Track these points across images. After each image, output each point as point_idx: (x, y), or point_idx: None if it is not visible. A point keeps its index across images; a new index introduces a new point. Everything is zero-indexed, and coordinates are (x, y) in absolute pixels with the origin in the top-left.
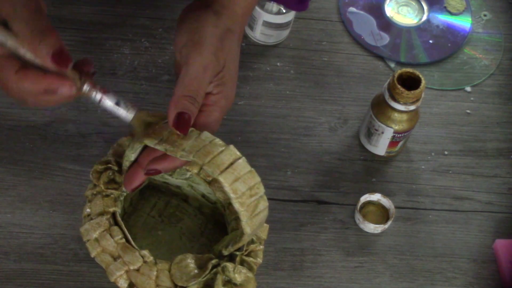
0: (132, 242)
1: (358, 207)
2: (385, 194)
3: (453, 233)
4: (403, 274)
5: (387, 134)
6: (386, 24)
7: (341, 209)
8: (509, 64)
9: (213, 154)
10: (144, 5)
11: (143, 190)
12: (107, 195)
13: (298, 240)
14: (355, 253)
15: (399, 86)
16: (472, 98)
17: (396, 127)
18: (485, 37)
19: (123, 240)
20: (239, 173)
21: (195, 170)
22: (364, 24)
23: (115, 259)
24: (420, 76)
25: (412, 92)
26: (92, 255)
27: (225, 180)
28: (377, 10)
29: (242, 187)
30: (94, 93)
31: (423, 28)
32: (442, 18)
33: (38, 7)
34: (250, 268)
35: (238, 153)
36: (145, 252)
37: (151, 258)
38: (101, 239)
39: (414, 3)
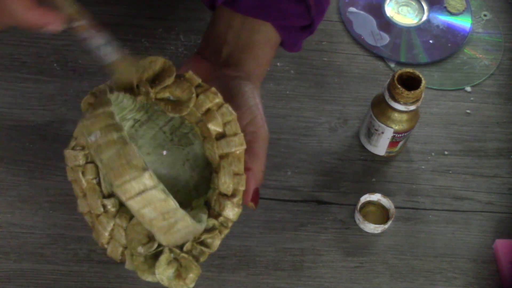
0: (102, 186)
1: (358, 207)
2: (385, 194)
3: (453, 233)
4: (403, 274)
5: (387, 134)
6: (386, 24)
7: (341, 209)
8: (509, 64)
9: (124, 179)
10: (144, 5)
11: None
12: None
13: (298, 240)
14: (355, 253)
15: (399, 86)
16: (472, 98)
17: (396, 127)
18: (485, 37)
19: (94, 181)
20: (149, 202)
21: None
22: (364, 24)
23: (84, 195)
24: (420, 76)
25: (412, 92)
26: (68, 179)
27: (131, 207)
28: (377, 10)
29: (151, 214)
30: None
31: (423, 28)
32: (442, 18)
33: None
34: (200, 253)
35: (152, 182)
36: (108, 202)
37: (113, 209)
38: (74, 173)
39: (414, 3)
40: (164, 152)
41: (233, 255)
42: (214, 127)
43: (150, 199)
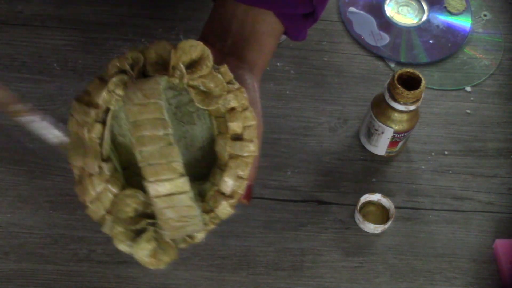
0: (103, 148)
1: (358, 207)
2: (385, 194)
3: (453, 233)
4: (403, 274)
5: (387, 134)
6: (386, 24)
7: (341, 209)
8: (509, 64)
9: (159, 178)
10: (144, 5)
11: None
12: (112, 90)
13: (298, 240)
14: (355, 253)
15: (399, 86)
16: (472, 98)
17: (396, 127)
18: (485, 37)
19: (97, 140)
20: (174, 204)
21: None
22: (364, 24)
23: (80, 147)
24: (420, 76)
25: (412, 92)
26: (68, 127)
27: (155, 204)
28: (377, 10)
29: (171, 214)
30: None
31: (423, 28)
32: (442, 18)
33: None
34: (182, 241)
35: (185, 188)
36: (105, 165)
37: (108, 174)
38: (77, 126)
39: (414, 3)
40: None
41: (233, 255)
42: (234, 128)
43: (177, 202)
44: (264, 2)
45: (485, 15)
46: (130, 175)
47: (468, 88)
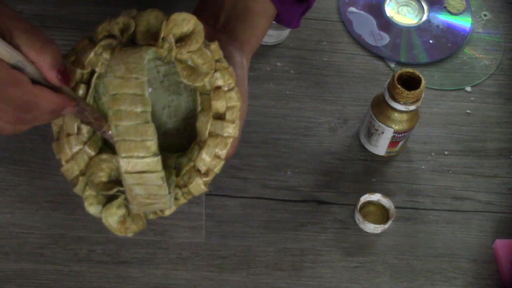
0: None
1: (358, 207)
2: (385, 194)
3: (453, 233)
4: (403, 274)
5: (387, 134)
6: (386, 24)
7: (341, 209)
8: (509, 64)
9: (132, 154)
10: (144, 5)
11: None
12: (99, 54)
13: (298, 240)
14: (355, 253)
15: (399, 86)
16: (472, 98)
17: (396, 127)
18: (485, 37)
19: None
20: (144, 182)
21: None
22: (364, 24)
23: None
24: (420, 76)
25: (412, 92)
26: None
27: (125, 179)
28: (377, 10)
29: (140, 191)
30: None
31: (423, 28)
32: (442, 18)
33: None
34: (152, 213)
35: (157, 168)
36: (84, 127)
37: (86, 136)
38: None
39: (414, 3)
40: (150, 89)
41: (233, 255)
42: (217, 107)
43: (146, 180)
44: None
45: (485, 15)
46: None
47: (468, 88)
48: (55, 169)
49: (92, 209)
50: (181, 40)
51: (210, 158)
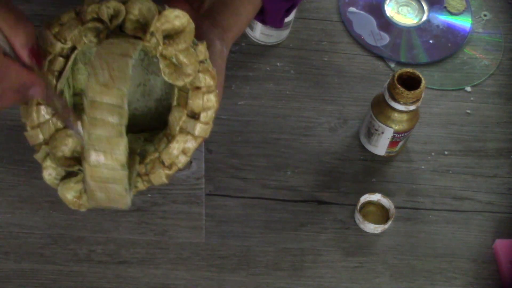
0: (60, 82)
1: (358, 207)
2: (385, 194)
3: (453, 233)
4: (403, 274)
5: (387, 134)
6: (386, 24)
7: (341, 209)
8: (509, 64)
9: (100, 163)
10: None
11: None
12: (84, 34)
13: (298, 240)
14: (355, 253)
15: (399, 86)
16: (472, 98)
17: (396, 127)
18: (485, 37)
19: (56, 73)
20: (108, 190)
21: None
22: (364, 24)
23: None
24: (420, 76)
25: (412, 92)
26: None
27: (89, 185)
28: (377, 10)
29: (101, 195)
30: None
31: (423, 28)
32: (442, 18)
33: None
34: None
35: (123, 181)
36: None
37: (65, 102)
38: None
39: (414, 3)
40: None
41: (233, 255)
42: (193, 107)
43: (110, 189)
44: None
45: (485, 15)
46: (80, 102)
47: (468, 88)
48: None
49: (50, 179)
50: (170, 36)
51: (177, 152)
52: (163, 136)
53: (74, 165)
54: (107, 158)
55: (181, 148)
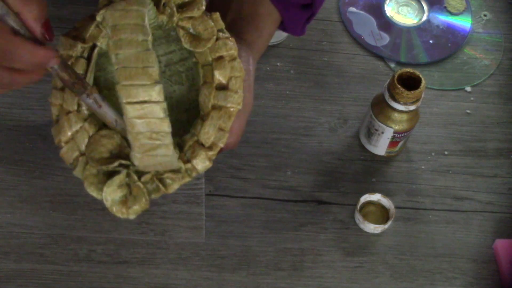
0: (86, 83)
1: (358, 207)
2: (385, 194)
3: (453, 233)
4: (403, 274)
5: (387, 134)
6: (386, 24)
7: (341, 209)
8: (509, 64)
9: (133, 82)
10: None
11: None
12: (99, 23)
13: (298, 240)
14: (355, 253)
15: (399, 86)
16: (472, 98)
17: (396, 127)
18: (485, 37)
19: (80, 73)
20: (146, 114)
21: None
22: (364, 24)
23: (62, 87)
24: (420, 76)
25: (412, 92)
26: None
27: (127, 111)
28: (377, 10)
29: (142, 127)
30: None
31: (423, 28)
32: (442, 18)
33: None
34: (155, 190)
35: (159, 97)
36: (83, 103)
37: (86, 112)
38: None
39: (414, 3)
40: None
41: (233, 255)
42: (219, 77)
43: (148, 112)
44: None
45: (485, 15)
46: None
47: (468, 88)
48: (55, 169)
49: (93, 189)
50: (183, 6)
51: (213, 131)
52: (198, 119)
53: (114, 161)
54: (138, 74)
55: (217, 125)
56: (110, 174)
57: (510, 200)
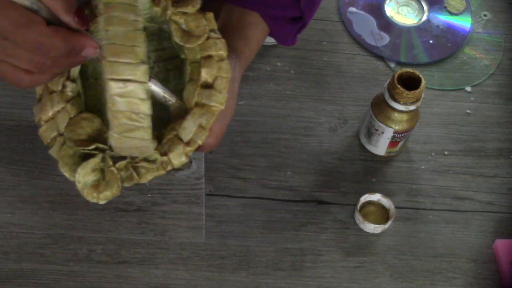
0: (73, 69)
1: (358, 207)
2: (385, 194)
3: (453, 233)
4: (403, 274)
5: (387, 134)
6: (386, 24)
7: (341, 209)
8: (509, 64)
9: (119, 59)
10: None
11: None
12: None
13: (298, 240)
14: (355, 253)
15: (399, 86)
16: (472, 98)
17: (396, 127)
18: (485, 37)
19: None
20: (128, 93)
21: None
22: (364, 24)
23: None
24: (420, 76)
25: (412, 92)
26: None
27: (109, 87)
28: (377, 10)
29: (122, 106)
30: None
31: (423, 28)
32: (442, 18)
33: None
34: (128, 178)
35: (142, 78)
36: (70, 84)
37: (70, 94)
38: None
39: (414, 3)
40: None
41: (233, 255)
42: (206, 75)
43: (131, 91)
44: (249, 2)
45: (485, 15)
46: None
47: (468, 88)
48: (55, 169)
49: (66, 170)
50: (178, 1)
51: (194, 127)
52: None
53: (91, 144)
54: (125, 51)
55: (198, 122)
56: (86, 157)
57: (510, 200)
